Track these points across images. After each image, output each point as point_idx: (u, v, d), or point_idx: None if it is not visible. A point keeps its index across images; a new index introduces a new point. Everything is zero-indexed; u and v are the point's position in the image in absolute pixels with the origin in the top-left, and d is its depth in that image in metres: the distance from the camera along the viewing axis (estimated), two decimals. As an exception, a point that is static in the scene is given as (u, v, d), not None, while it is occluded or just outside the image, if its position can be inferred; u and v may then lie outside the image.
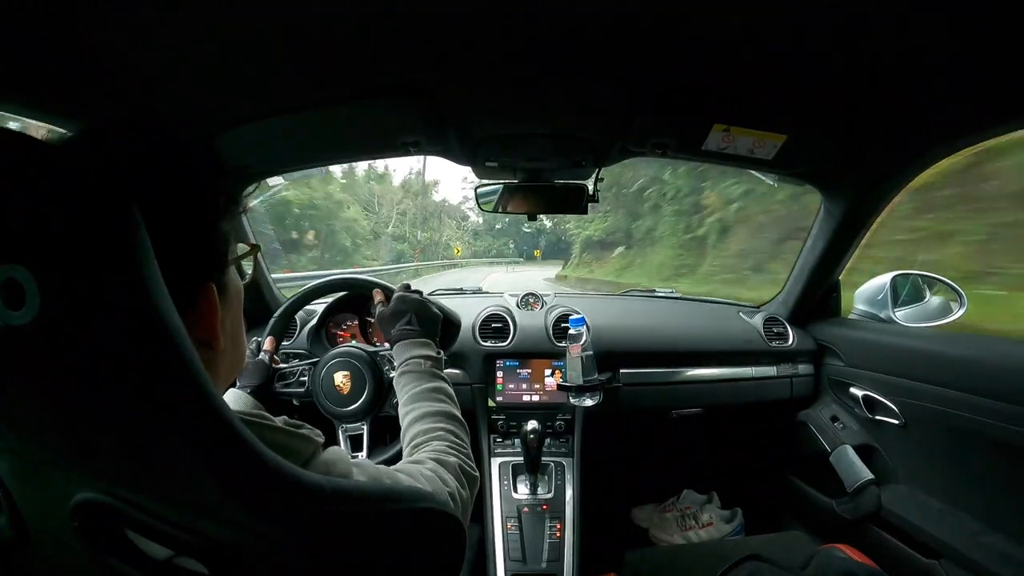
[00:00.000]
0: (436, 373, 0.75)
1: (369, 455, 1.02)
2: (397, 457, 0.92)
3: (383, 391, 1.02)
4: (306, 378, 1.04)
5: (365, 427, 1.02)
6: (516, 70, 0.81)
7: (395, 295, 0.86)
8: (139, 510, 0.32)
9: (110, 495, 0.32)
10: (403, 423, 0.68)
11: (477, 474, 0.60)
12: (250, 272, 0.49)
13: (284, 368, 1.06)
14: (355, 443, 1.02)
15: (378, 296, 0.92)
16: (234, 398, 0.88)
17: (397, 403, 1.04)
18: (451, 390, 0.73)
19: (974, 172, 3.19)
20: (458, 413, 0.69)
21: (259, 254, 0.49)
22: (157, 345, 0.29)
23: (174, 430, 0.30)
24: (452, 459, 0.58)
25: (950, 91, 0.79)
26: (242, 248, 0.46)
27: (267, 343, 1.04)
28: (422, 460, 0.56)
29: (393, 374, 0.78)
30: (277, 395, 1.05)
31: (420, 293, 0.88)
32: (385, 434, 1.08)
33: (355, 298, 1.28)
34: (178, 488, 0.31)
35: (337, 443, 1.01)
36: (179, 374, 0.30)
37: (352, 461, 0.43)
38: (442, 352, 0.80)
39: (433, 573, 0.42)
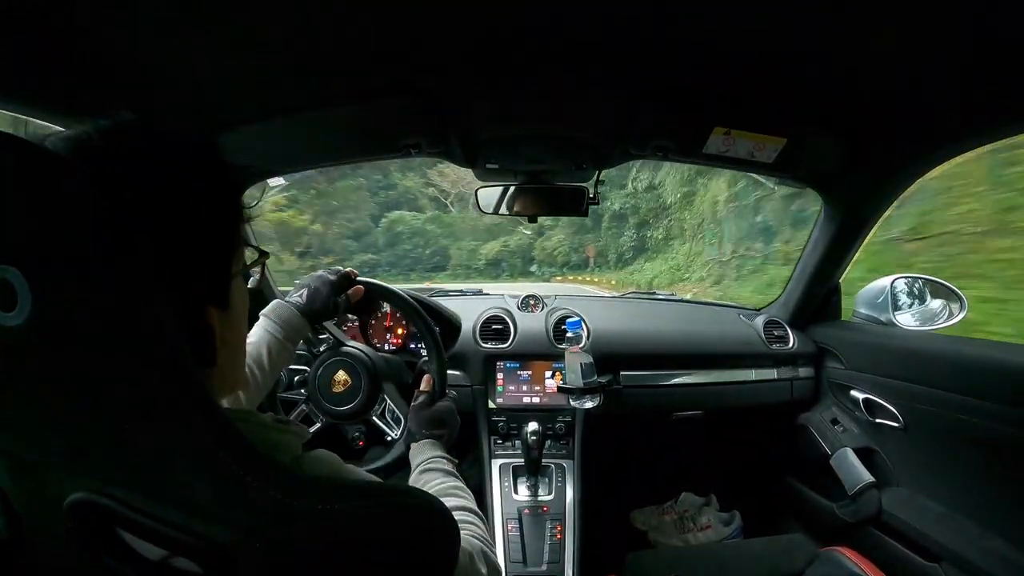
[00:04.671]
0: (455, 473, 0.78)
1: (367, 455, 1.02)
2: (395, 463, 0.92)
3: (378, 392, 1.01)
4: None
5: (364, 428, 1.01)
6: (518, 72, 0.81)
7: (447, 406, 0.90)
8: (133, 510, 0.32)
9: (104, 495, 0.31)
10: None
11: (500, 568, 0.60)
12: (256, 276, 0.48)
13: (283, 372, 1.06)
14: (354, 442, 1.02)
15: (426, 384, 0.92)
16: (279, 311, 0.84)
17: (392, 408, 1.04)
18: (467, 489, 0.74)
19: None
20: (478, 510, 0.70)
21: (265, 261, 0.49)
22: (149, 345, 0.29)
23: (167, 429, 0.30)
24: (476, 543, 0.57)
25: (951, 95, 0.79)
26: (250, 255, 0.46)
27: (356, 290, 0.94)
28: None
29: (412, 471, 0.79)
30: (282, 402, 1.05)
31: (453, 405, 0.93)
32: (384, 436, 1.08)
33: (361, 298, 1.28)
34: (171, 487, 0.31)
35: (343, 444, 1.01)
36: (171, 374, 0.30)
37: (342, 461, 0.43)
38: (456, 460, 0.83)
39: (427, 570, 0.41)
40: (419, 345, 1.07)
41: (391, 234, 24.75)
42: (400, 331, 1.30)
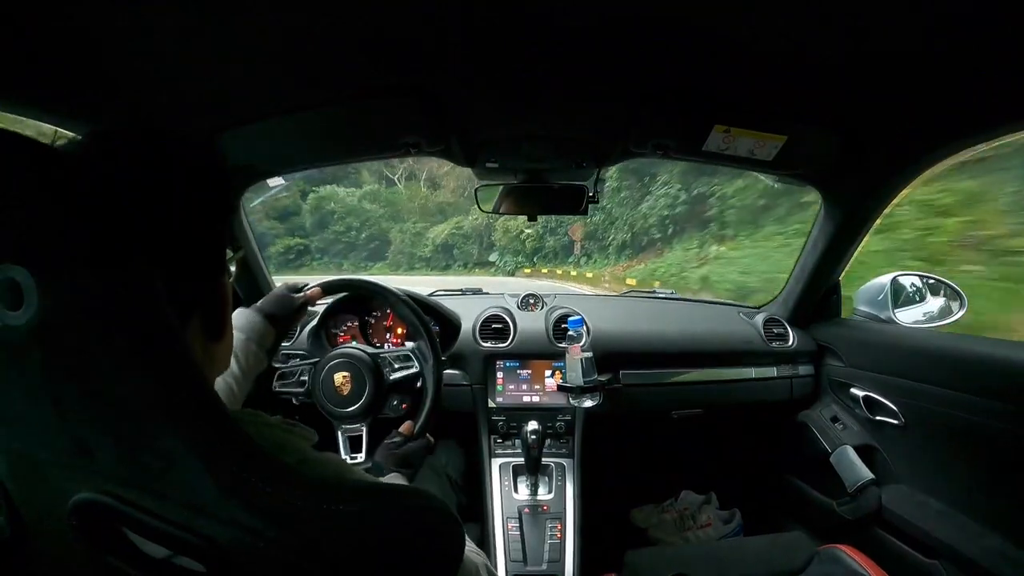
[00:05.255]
0: None
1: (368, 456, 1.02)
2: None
3: (383, 393, 1.02)
4: (306, 378, 1.04)
5: (364, 428, 1.01)
6: (518, 71, 0.81)
7: (419, 444, 0.93)
8: (137, 509, 0.32)
9: (108, 494, 0.32)
10: None
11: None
12: (233, 269, 0.51)
13: (283, 368, 1.06)
14: (354, 444, 1.02)
15: (406, 429, 0.94)
16: (244, 317, 0.87)
17: (397, 406, 1.04)
18: None
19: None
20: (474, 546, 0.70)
21: (261, 255, 0.50)
22: (155, 345, 0.29)
23: (172, 428, 0.30)
24: (479, 559, 0.57)
25: (951, 93, 0.79)
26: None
27: (313, 291, 0.98)
28: None
29: None
30: (276, 394, 1.05)
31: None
32: (383, 437, 1.08)
33: (355, 299, 1.28)
34: (176, 487, 0.31)
35: (336, 444, 1.01)
36: (177, 373, 0.30)
37: (347, 464, 0.44)
38: None
39: (431, 571, 0.41)
40: (418, 343, 1.07)
41: (320, 214, 19.62)
42: (400, 330, 1.30)
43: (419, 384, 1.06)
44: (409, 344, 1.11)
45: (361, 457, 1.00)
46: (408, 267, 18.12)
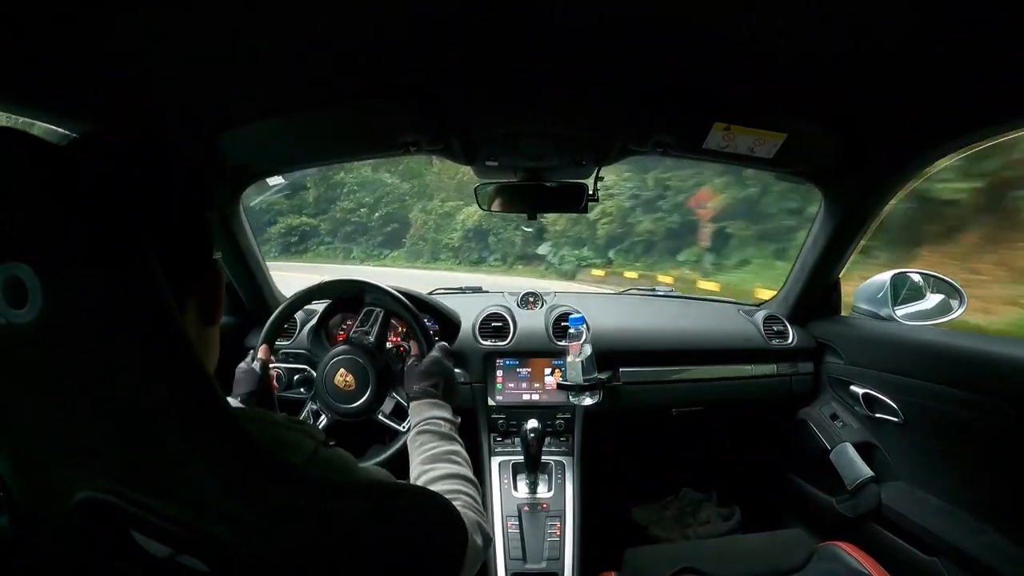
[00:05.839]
0: (454, 436, 0.76)
1: (366, 453, 1.03)
2: (395, 458, 0.92)
3: (387, 385, 1.02)
4: (308, 377, 1.04)
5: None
6: (518, 70, 0.81)
7: (433, 356, 0.89)
8: (140, 508, 0.32)
9: (111, 493, 0.32)
10: (418, 481, 0.68)
11: (492, 536, 0.60)
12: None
13: (284, 368, 1.07)
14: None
15: (415, 349, 0.94)
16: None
17: (402, 393, 1.04)
18: (466, 453, 0.74)
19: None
20: (473, 477, 0.70)
21: (259, 250, 0.51)
22: (159, 343, 0.29)
23: (176, 427, 0.30)
24: (471, 515, 0.57)
25: (951, 91, 0.79)
26: None
27: (261, 351, 0.98)
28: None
29: (409, 429, 0.79)
30: (285, 402, 1.05)
31: (453, 360, 0.93)
32: (384, 434, 1.09)
33: (355, 298, 1.28)
34: (179, 485, 0.31)
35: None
36: (180, 371, 0.30)
37: (357, 462, 0.43)
38: (459, 417, 0.82)
39: (433, 570, 0.42)
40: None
41: (327, 185, 14.23)
42: (400, 328, 1.30)
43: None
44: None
45: (404, 426, 1.00)
46: (431, 257, 13.01)
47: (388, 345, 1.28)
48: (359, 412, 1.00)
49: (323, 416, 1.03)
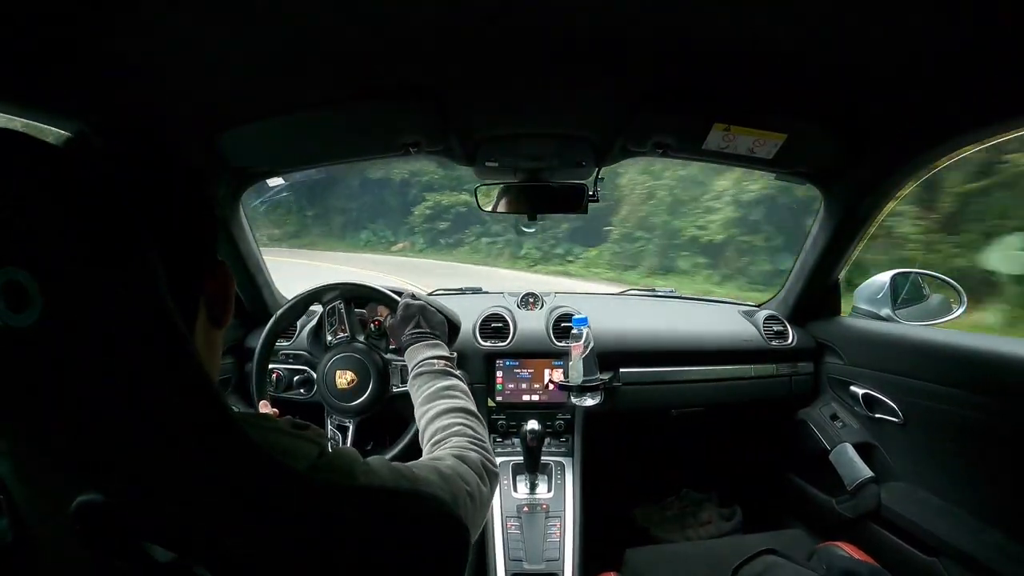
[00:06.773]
0: (449, 371, 0.76)
1: (366, 453, 1.03)
2: (400, 457, 0.92)
3: (387, 380, 1.02)
4: (309, 376, 1.04)
5: (352, 423, 1.03)
6: (518, 71, 0.81)
7: (402, 303, 0.88)
8: (140, 512, 0.32)
9: (111, 497, 0.32)
10: (421, 423, 0.68)
11: (497, 470, 0.60)
12: None
13: (283, 368, 1.06)
14: (343, 434, 1.04)
15: (384, 312, 0.94)
16: None
17: (404, 382, 1.04)
18: (465, 386, 0.73)
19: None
20: (475, 408, 0.69)
21: (261, 254, 0.50)
22: (159, 345, 0.29)
23: (177, 431, 0.30)
24: (473, 454, 0.57)
25: (951, 91, 0.79)
26: None
27: (261, 406, 0.93)
28: (443, 457, 0.56)
29: (408, 379, 0.79)
30: (286, 401, 1.06)
31: (420, 298, 0.91)
32: (385, 435, 1.09)
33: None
34: (180, 490, 0.31)
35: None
36: (183, 375, 0.30)
37: (364, 461, 0.43)
38: (454, 353, 0.81)
39: (434, 574, 0.42)
40: None
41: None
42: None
43: None
44: None
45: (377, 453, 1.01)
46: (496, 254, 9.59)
47: (388, 345, 1.29)
48: (365, 408, 1.00)
49: (347, 423, 1.04)
